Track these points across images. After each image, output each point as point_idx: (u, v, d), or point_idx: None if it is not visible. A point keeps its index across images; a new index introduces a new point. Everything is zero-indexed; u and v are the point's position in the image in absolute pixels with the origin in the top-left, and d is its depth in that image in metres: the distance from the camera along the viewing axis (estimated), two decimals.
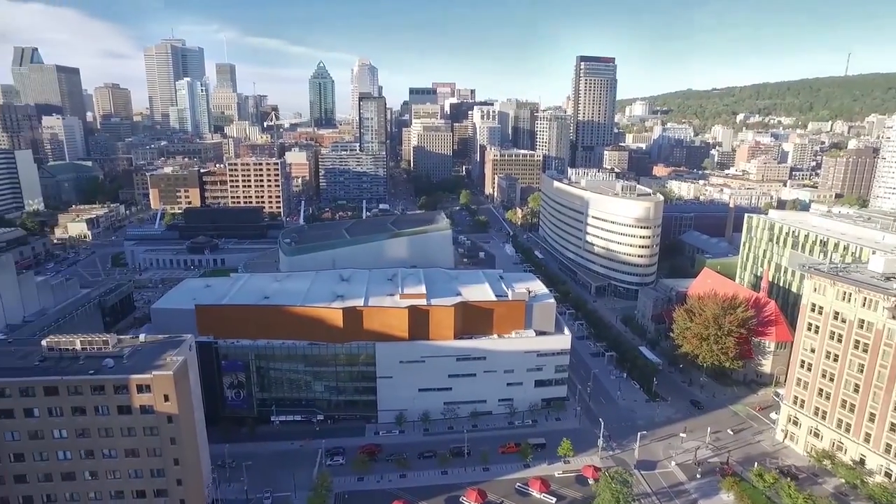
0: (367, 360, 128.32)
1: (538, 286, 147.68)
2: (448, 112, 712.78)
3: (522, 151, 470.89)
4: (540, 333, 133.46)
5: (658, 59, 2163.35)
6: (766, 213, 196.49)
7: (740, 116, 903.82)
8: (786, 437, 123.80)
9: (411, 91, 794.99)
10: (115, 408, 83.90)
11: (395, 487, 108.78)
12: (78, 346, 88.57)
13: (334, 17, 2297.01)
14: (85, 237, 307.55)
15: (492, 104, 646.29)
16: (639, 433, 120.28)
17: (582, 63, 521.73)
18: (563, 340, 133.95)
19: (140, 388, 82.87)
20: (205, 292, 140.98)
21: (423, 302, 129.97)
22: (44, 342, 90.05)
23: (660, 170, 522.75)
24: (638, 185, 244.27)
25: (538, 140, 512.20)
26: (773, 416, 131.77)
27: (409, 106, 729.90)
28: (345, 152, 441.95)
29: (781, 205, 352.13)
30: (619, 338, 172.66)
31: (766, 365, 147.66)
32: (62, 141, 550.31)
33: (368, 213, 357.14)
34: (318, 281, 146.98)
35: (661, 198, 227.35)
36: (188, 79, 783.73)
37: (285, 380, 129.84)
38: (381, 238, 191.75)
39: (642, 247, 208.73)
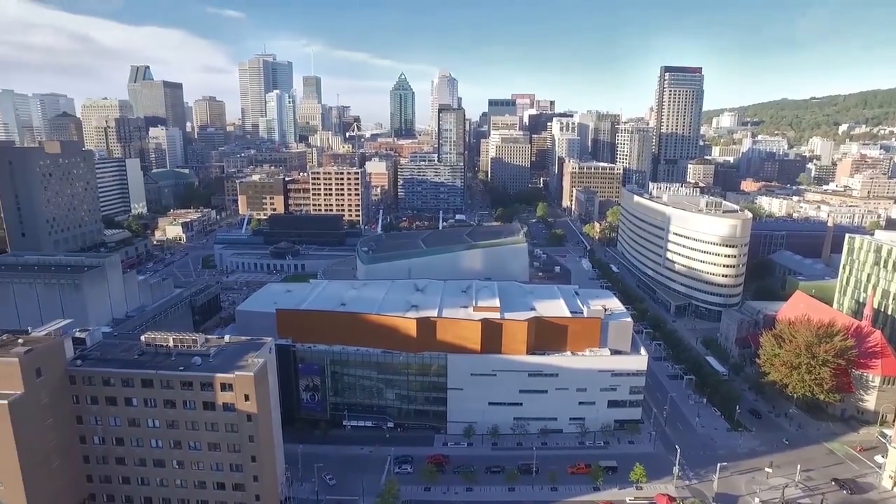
0: (438, 370, 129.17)
1: (615, 303, 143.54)
2: (527, 123, 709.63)
3: (602, 164, 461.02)
4: (615, 352, 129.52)
5: (749, 67, 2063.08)
6: (873, 234, 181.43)
7: (843, 127, 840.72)
8: (894, 484, 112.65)
9: (490, 102, 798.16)
10: (200, 403, 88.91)
11: (462, 500, 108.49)
12: (171, 344, 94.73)
13: (417, 30, 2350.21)
14: (180, 240, 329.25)
15: (571, 116, 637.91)
16: (718, 464, 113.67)
17: (666, 73, 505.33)
18: (640, 361, 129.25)
19: (223, 387, 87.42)
20: (285, 297, 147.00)
21: (496, 315, 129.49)
22: (142, 337, 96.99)
23: (749, 185, 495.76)
24: (724, 201, 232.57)
25: (618, 153, 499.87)
26: (877, 458, 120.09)
27: (488, 117, 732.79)
28: (423, 163, 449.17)
29: (891, 224, 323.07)
30: (699, 361, 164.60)
31: (870, 401, 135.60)
32: (164, 150, 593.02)
33: (445, 224, 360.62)
34: (394, 290, 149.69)
35: (749, 215, 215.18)
36: (277, 91, 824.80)
37: (358, 386, 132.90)
38: (456, 249, 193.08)
39: (727, 266, 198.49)
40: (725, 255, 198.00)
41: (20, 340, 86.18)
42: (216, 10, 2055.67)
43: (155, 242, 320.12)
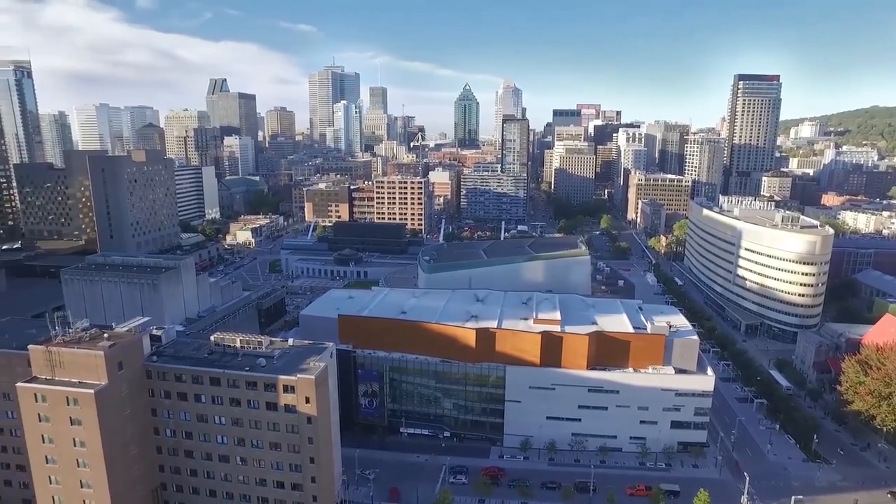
0: (496, 382, 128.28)
1: (680, 320, 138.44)
2: (592, 134, 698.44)
3: (669, 176, 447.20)
4: (679, 371, 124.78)
5: (833, 73, 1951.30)
6: None
7: None
8: None
9: (555, 113, 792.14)
10: (263, 403, 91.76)
11: None
12: (238, 344, 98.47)
13: (482, 40, 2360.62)
14: (249, 244, 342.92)
15: (638, 126, 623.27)
16: (793, 497, 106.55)
17: (740, 82, 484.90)
18: (706, 381, 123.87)
19: (286, 389, 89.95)
20: (347, 303, 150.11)
21: (556, 328, 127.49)
22: (212, 337, 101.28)
23: (830, 199, 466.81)
24: (802, 216, 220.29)
25: (687, 164, 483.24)
26: None
27: (552, 127, 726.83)
28: (486, 173, 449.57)
29: None
30: (772, 384, 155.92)
31: None
32: (237, 158, 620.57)
33: (507, 235, 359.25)
34: (454, 299, 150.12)
35: (831, 231, 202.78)
36: (344, 101, 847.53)
37: (416, 393, 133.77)
38: (518, 260, 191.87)
39: (804, 285, 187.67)
40: (803, 274, 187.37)
41: (105, 335, 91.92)
42: (290, 25, 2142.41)
43: (226, 246, 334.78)
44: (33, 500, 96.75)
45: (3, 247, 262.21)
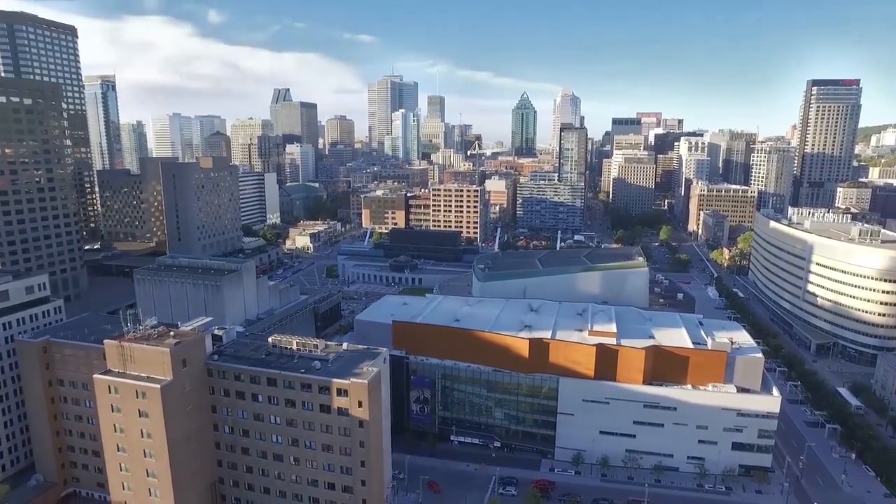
0: (549, 393, 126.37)
1: (743, 337, 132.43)
2: (652, 143, 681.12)
3: (734, 187, 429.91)
4: (742, 390, 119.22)
5: None
6: None
7: None
8: None
9: (614, 121, 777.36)
10: (317, 406, 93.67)
11: None
12: (294, 347, 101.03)
13: (541, 48, 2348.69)
14: (308, 249, 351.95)
15: (701, 135, 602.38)
16: None
17: (814, 88, 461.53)
18: (771, 402, 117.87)
19: (339, 392, 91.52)
20: (402, 309, 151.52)
21: (612, 341, 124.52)
22: (270, 339, 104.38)
23: None
24: (883, 230, 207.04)
25: (753, 174, 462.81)
26: None
27: (611, 136, 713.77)
28: (543, 182, 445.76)
29: None
30: (846, 409, 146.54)
31: None
32: (298, 165, 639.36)
33: (563, 244, 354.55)
34: (508, 309, 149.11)
35: None
36: (403, 110, 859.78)
37: (467, 402, 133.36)
38: (573, 271, 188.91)
39: (885, 304, 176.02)
40: (884, 291, 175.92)
41: (172, 333, 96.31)
42: (351, 36, 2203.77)
43: (285, 251, 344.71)
44: (106, 485, 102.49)
45: (86, 247, 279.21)
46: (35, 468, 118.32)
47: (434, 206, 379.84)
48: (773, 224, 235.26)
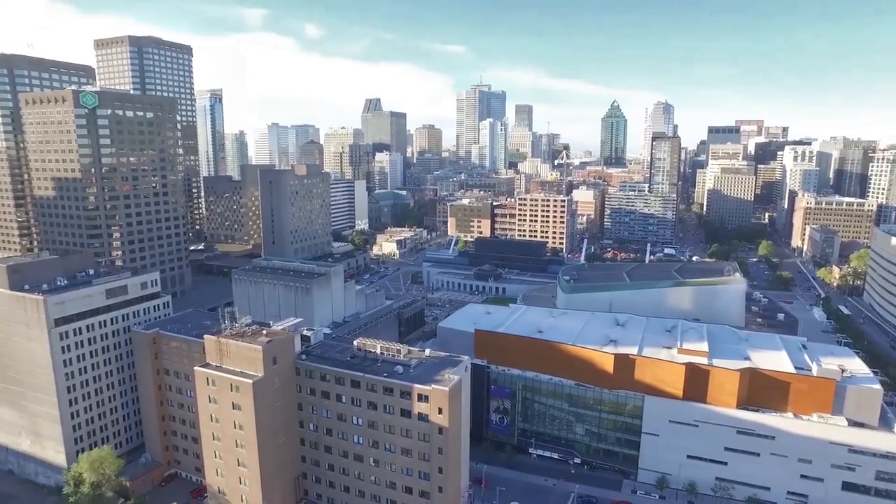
0: (633, 411, 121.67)
1: (856, 364, 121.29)
2: (752, 152, 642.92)
3: (847, 199, 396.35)
4: (855, 424, 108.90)
5: None
6: None
7: None
8: None
9: (710, 130, 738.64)
10: (398, 410, 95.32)
11: None
12: (378, 351, 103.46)
13: (633, 55, 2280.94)
14: (394, 255, 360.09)
15: (809, 143, 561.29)
16: None
17: None
18: (893, 441, 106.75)
19: (420, 397, 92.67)
20: (484, 318, 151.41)
21: (703, 360, 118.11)
22: (355, 342, 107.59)
23: None
24: None
25: (871, 186, 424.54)
26: None
27: (707, 145, 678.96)
28: (633, 192, 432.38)
29: None
30: None
31: None
32: (387, 173, 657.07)
33: (652, 257, 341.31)
34: (593, 322, 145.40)
35: None
36: (490, 119, 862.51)
37: (547, 415, 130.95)
38: (663, 285, 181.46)
39: None
40: None
41: (264, 332, 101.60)
42: (440, 46, 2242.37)
43: (372, 256, 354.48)
44: (202, 470, 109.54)
45: (191, 248, 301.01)
46: (145, 448, 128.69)
47: (520, 215, 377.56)
48: (895, 241, 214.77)
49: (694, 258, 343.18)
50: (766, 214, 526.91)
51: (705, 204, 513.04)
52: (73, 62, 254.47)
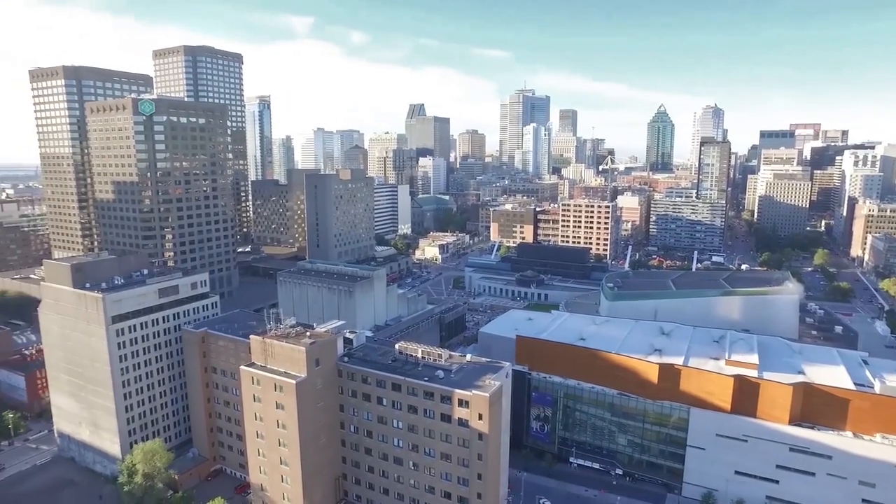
0: (678, 423, 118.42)
1: None
2: (807, 157, 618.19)
3: None
4: None
5: None
6: None
7: None
8: None
9: (762, 134, 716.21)
10: (438, 414, 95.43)
11: None
12: (419, 355, 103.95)
13: (680, 59, 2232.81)
14: (436, 260, 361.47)
15: (871, 147, 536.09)
16: None
17: None
18: None
19: (460, 403, 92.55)
20: (526, 324, 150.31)
21: (753, 373, 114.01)
22: (397, 345, 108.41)
23: None
24: None
25: None
26: None
27: (758, 150, 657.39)
28: (679, 199, 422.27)
29: None
30: None
31: None
32: (430, 178, 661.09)
33: (699, 265, 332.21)
34: (637, 330, 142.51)
35: None
36: (534, 124, 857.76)
37: (589, 424, 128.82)
38: (711, 294, 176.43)
39: None
40: None
41: (307, 333, 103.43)
42: (483, 51, 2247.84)
43: (415, 260, 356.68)
44: (246, 467, 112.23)
45: (238, 250, 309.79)
46: (192, 443, 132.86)
47: (563, 221, 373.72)
48: None
49: (743, 267, 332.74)
50: (823, 222, 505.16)
51: (756, 211, 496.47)
52: (134, 72, 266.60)
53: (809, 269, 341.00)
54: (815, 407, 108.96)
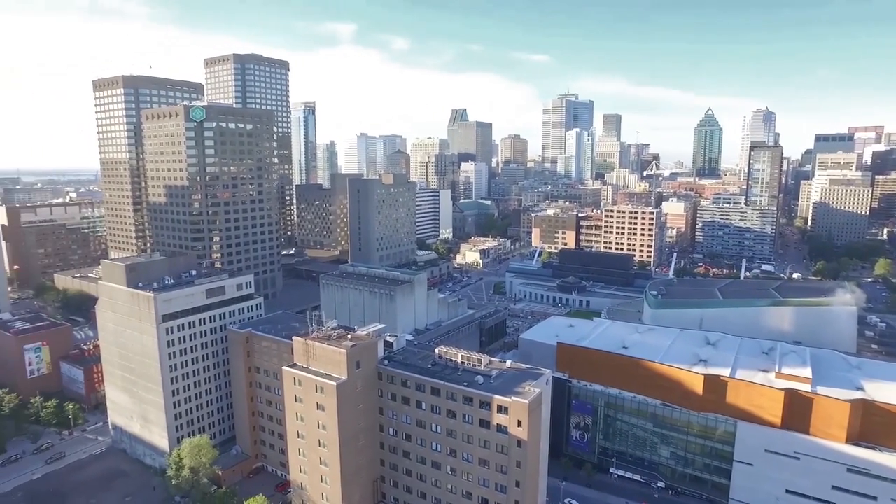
0: (724, 437, 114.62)
1: None
2: (868, 162, 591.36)
3: None
4: None
5: None
6: None
7: None
8: None
9: (817, 138, 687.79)
10: (477, 420, 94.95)
11: None
12: (459, 359, 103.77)
13: (729, 61, 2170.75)
14: (477, 265, 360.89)
15: None
16: None
17: None
18: None
19: (499, 409, 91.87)
20: (567, 331, 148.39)
21: (805, 387, 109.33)
22: (436, 350, 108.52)
23: None
24: None
25: None
26: None
27: (813, 155, 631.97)
28: (727, 205, 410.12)
29: None
30: None
31: None
32: (472, 183, 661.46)
33: (747, 274, 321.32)
34: (681, 339, 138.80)
35: None
36: (577, 129, 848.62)
37: (630, 434, 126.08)
38: (760, 303, 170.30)
39: None
40: None
41: (349, 336, 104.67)
42: (525, 56, 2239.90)
43: (455, 265, 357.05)
44: (287, 465, 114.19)
45: (282, 252, 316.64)
46: (236, 440, 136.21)
47: (606, 227, 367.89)
48: None
49: (795, 276, 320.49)
50: (885, 230, 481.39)
51: (810, 218, 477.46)
52: (186, 80, 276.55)
53: (869, 279, 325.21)
54: (876, 426, 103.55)
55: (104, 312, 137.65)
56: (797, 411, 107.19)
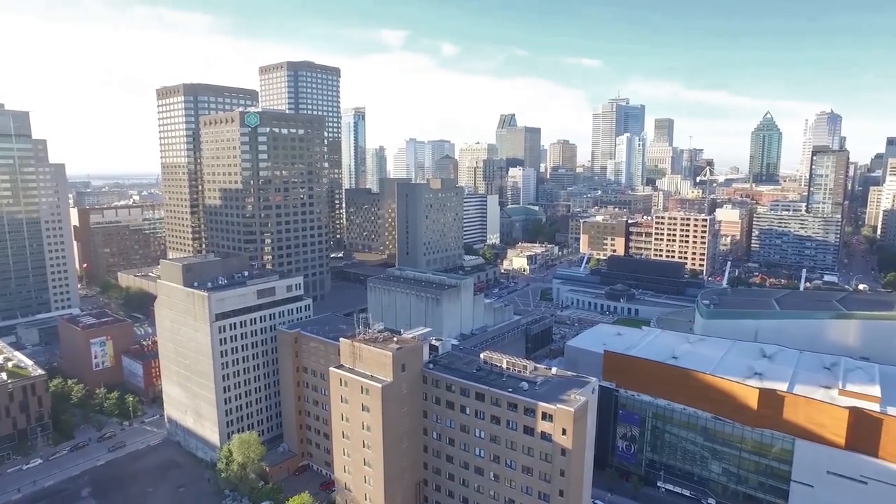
0: (780, 455, 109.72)
1: None
2: None
3: None
4: None
5: None
6: None
7: None
8: None
9: (889, 141, 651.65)
10: (521, 426, 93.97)
11: None
12: (504, 365, 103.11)
13: (788, 62, 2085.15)
14: (524, 270, 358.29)
15: None
16: None
17: None
18: None
19: (544, 416, 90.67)
20: (615, 339, 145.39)
21: (874, 406, 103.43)
22: (481, 355, 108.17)
23: None
24: None
25: None
26: None
27: (884, 160, 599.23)
28: (786, 212, 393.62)
29: None
30: None
31: None
32: (520, 188, 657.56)
33: (808, 285, 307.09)
34: (735, 351, 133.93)
35: None
36: (628, 134, 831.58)
37: (679, 447, 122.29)
38: (822, 316, 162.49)
39: None
40: None
41: (395, 339, 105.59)
42: (574, 61, 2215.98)
43: (502, 270, 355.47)
44: (331, 465, 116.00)
45: (331, 255, 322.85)
46: (283, 438, 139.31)
47: (657, 234, 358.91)
48: None
49: (862, 287, 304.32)
50: None
51: (879, 226, 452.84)
52: (242, 87, 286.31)
53: None
54: None
55: (162, 310, 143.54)
56: (864, 432, 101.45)
